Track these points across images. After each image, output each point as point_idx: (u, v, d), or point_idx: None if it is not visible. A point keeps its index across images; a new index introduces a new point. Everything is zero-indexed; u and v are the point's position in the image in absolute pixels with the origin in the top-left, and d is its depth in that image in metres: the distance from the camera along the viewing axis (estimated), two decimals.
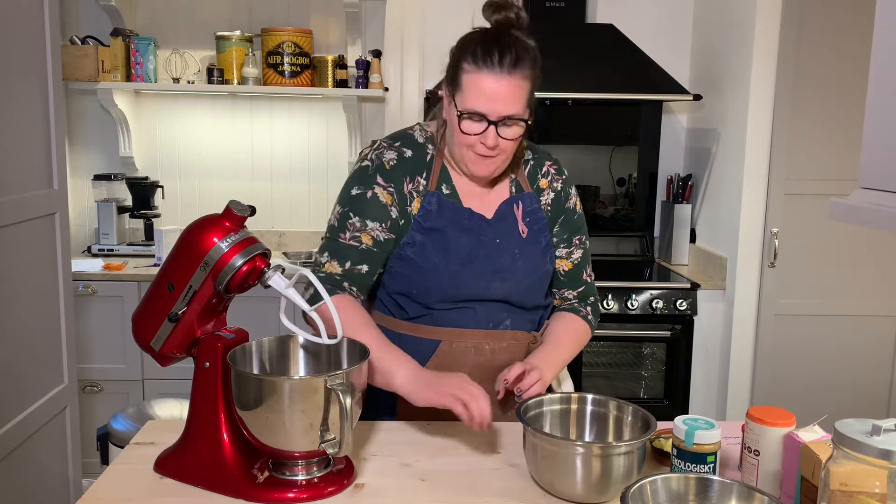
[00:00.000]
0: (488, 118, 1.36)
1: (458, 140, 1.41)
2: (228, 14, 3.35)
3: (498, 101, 1.35)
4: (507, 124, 1.37)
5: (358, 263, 1.44)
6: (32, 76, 2.02)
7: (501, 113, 1.36)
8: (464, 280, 1.45)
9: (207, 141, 3.45)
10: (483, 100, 1.35)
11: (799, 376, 2.96)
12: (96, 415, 2.96)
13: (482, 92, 1.35)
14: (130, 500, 1.14)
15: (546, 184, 1.56)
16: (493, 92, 1.35)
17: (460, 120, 1.38)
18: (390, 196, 1.46)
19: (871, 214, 0.92)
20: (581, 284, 1.60)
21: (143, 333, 1.22)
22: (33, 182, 2.04)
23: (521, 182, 1.54)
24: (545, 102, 3.29)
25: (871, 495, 0.87)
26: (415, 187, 1.47)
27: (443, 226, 1.45)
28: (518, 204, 1.51)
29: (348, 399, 1.08)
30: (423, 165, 1.48)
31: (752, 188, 2.88)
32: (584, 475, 1.11)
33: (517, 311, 1.50)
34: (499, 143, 1.38)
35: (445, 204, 1.47)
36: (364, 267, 1.45)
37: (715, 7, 3.20)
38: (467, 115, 1.37)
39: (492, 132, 1.37)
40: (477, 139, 1.38)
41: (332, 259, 1.44)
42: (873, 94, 0.94)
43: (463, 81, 1.37)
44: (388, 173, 1.46)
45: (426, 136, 1.52)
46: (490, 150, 1.39)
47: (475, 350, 1.46)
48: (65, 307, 2.19)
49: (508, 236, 1.49)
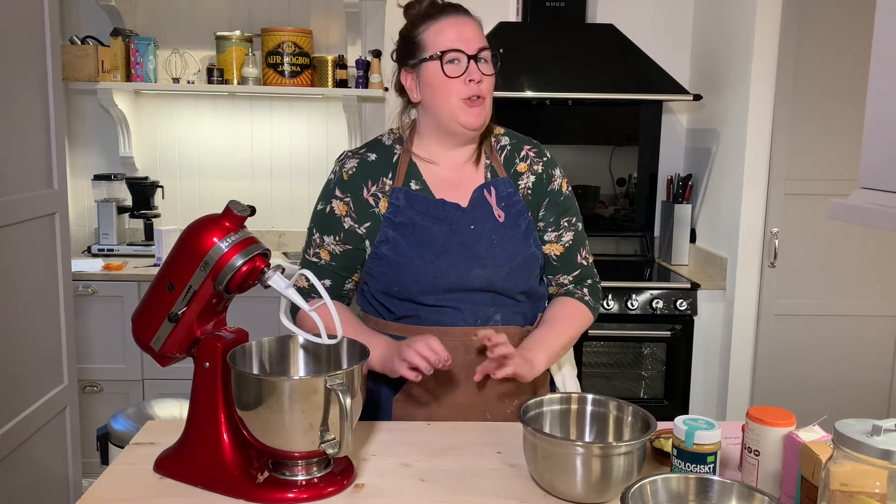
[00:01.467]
0: (465, 52, 1.43)
1: (443, 92, 1.45)
2: (228, 14, 3.35)
3: (467, 35, 1.44)
4: (482, 59, 1.44)
5: (321, 278, 1.48)
6: (32, 76, 2.02)
7: (475, 45, 1.43)
8: (441, 270, 1.44)
9: (207, 141, 3.45)
10: (453, 38, 1.43)
11: (799, 376, 2.96)
12: (96, 415, 2.96)
13: (449, 35, 1.43)
14: (130, 500, 1.14)
15: (525, 167, 1.56)
16: (458, 31, 1.44)
17: (442, 64, 1.43)
18: (346, 206, 1.50)
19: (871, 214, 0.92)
20: (576, 268, 1.57)
21: (142, 333, 1.22)
22: (33, 182, 2.04)
23: (495, 167, 1.55)
24: (545, 102, 3.29)
25: (871, 495, 0.87)
26: (379, 188, 1.50)
27: (413, 219, 1.46)
28: (490, 190, 1.51)
29: (348, 399, 1.08)
30: (388, 166, 1.52)
31: (752, 188, 2.88)
32: (584, 475, 1.11)
33: (506, 304, 1.49)
34: (482, 79, 1.44)
35: (415, 197, 1.48)
36: (327, 281, 1.51)
37: (715, 7, 3.20)
38: (446, 55, 1.42)
39: (473, 67, 1.43)
40: (462, 81, 1.43)
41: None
42: (873, 94, 0.94)
43: (426, 38, 1.45)
44: (345, 184, 1.50)
45: (394, 138, 1.56)
46: (478, 86, 1.43)
47: (464, 348, 1.46)
48: (65, 307, 2.19)
49: (483, 222, 1.49)
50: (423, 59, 1.45)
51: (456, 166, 1.53)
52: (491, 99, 1.48)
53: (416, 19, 1.47)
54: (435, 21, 1.45)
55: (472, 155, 1.54)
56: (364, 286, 1.55)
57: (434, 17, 1.45)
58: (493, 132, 1.59)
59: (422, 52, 1.45)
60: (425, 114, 1.51)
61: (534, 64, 3.03)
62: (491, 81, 1.46)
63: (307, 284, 1.50)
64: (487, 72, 1.45)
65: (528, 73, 2.99)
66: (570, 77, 3.02)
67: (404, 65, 1.50)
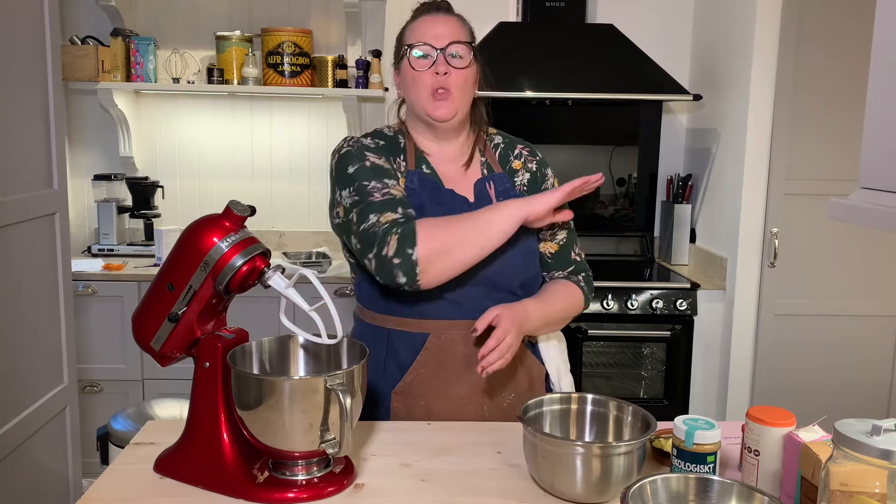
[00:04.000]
0: (434, 46, 1.46)
1: (412, 83, 1.48)
2: (228, 14, 3.35)
3: (439, 32, 1.48)
4: (454, 54, 1.47)
5: (406, 207, 1.40)
6: (32, 76, 2.02)
7: (445, 39, 1.47)
8: None
9: (207, 141, 3.45)
10: (424, 33, 1.48)
11: (799, 376, 2.96)
12: (96, 415, 2.96)
13: (423, 30, 1.49)
14: (130, 500, 1.14)
15: (520, 165, 1.60)
16: (431, 26, 1.48)
17: (409, 57, 1.47)
18: (388, 163, 1.50)
19: (871, 214, 0.92)
20: (570, 264, 1.60)
21: (143, 333, 1.22)
22: (33, 182, 2.04)
23: (490, 163, 1.58)
24: (545, 102, 3.29)
25: (871, 495, 0.87)
26: (396, 167, 1.52)
27: (423, 203, 1.48)
28: (490, 183, 1.54)
29: (348, 399, 1.08)
30: (398, 150, 1.54)
31: (752, 188, 2.88)
32: (584, 475, 1.11)
33: (504, 298, 1.49)
34: (449, 71, 1.46)
35: (427, 181, 1.50)
36: (411, 211, 1.40)
37: (715, 7, 3.20)
38: (413, 48, 1.47)
39: (441, 59, 1.46)
40: (430, 73, 1.46)
41: (383, 213, 1.37)
42: (873, 94, 0.94)
43: (406, 35, 1.52)
44: (372, 149, 1.51)
45: (395, 130, 1.59)
46: (444, 78, 1.45)
47: (464, 341, 1.47)
48: (65, 307, 2.19)
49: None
50: (402, 55, 1.51)
51: (447, 160, 1.55)
52: (466, 92, 1.50)
53: (409, 20, 1.54)
54: (416, 19, 1.52)
55: (461, 150, 1.57)
56: (364, 276, 1.54)
57: (416, 16, 1.53)
58: (487, 131, 1.62)
59: (402, 52, 1.52)
60: (409, 108, 1.56)
61: (534, 64, 3.03)
62: (463, 74, 1.48)
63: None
64: (458, 65, 1.47)
65: (528, 73, 2.99)
66: (570, 77, 3.02)
67: (395, 62, 1.56)
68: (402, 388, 1.49)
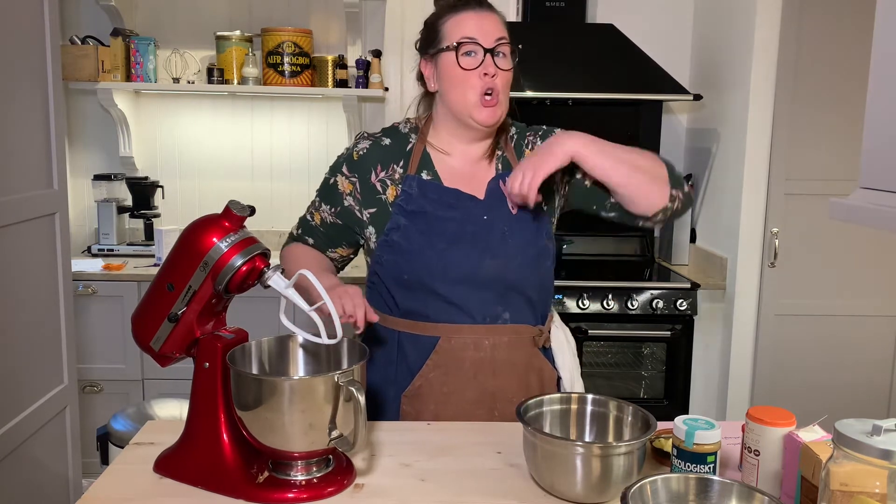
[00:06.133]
0: (482, 45, 1.43)
1: (458, 84, 1.44)
2: (228, 14, 3.35)
3: (486, 28, 1.44)
4: (499, 53, 1.44)
5: (305, 234, 1.62)
6: (32, 76, 2.02)
7: (492, 38, 1.43)
8: (452, 258, 1.44)
9: (207, 141, 3.45)
10: (471, 29, 1.44)
11: (799, 376, 2.96)
12: (96, 415, 2.96)
13: (468, 26, 1.44)
14: (130, 500, 1.14)
15: (529, 153, 1.56)
16: (477, 24, 1.44)
17: (457, 56, 1.43)
18: (350, 185, 1.53)
19: (871, 214, 0.92)
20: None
21: (142, 333, 1.22)
22: (33, 182, 2.04)
23: (508, 158, 1.55)
24: (545, 102, 3.29)
25: (871, 495, 0.87)
26: (388, 175, 1.51)
27: (425, 207, 1.47)
28: (503, 182, 1.51)
29: (362, 395, 1.09)
30: (401, 154, 1.52)
31: (752, 188, 2.88)
32: (584, 475, 1.11)
33: (516, 300, 1.48)
34: (497, 73, 1.43)
35: (427, 186, 1.48)
36: (309, 239, 1.62)
37: (715, 7, 3.20)
38: (462, 45, 1.43)
39: (489, 60, 1.43)
40: (477, 74, 1.43)
41: (298, 228, 1.67)
42: (873, 94, 0.94)
43: (446, 28, 1.46)
44: (354, 164, 1.53)
45: (410, 127, 1.57)
46: (493, 81, 1.43)
47: (474, 345, 1.46)
48: (65, 307, 2.19)
49: (498, 213, 1.49)
50: (442, 48, 1.46)
51: (470, 160, 1.53)
52: (507, 95, 1.48)
53: (441, 9, 1.49)
54: (457, 13, 1.46)
55: (486, 150, 1.54)
56: (374, 277, 1.54)
57: (457, 8, 1.47)
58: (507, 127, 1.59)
59: (441, 42, 1.47)
60: (441, 105, 1.52)
61: (534, 64, 3.03)
62: (507, 76, 1.47)
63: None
64: (504, 66, 1.45)
65: (528, 73, 2.99)
66: (570, 77, 3.02)
67: (424, 53, 1.51)
68: (411, 392, 1.49)
